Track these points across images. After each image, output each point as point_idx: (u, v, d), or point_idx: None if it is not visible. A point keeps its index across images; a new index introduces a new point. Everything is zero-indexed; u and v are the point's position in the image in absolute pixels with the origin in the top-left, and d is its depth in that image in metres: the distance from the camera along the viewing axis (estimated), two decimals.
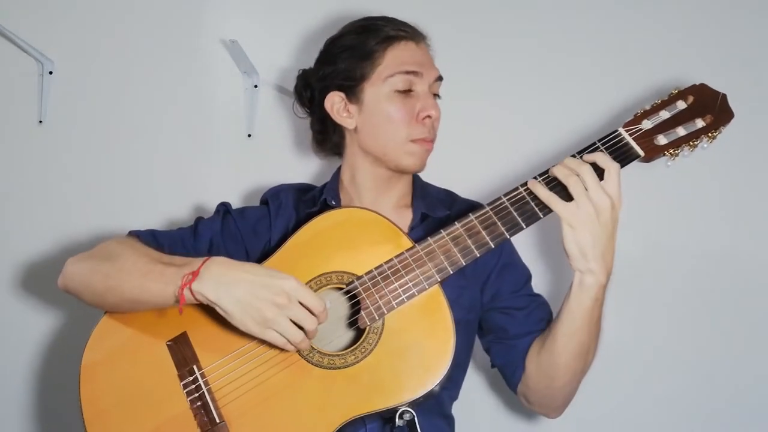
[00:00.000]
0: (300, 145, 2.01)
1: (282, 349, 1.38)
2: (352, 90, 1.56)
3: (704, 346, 1.93)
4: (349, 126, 1.59)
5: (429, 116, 1.55)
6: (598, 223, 1.34)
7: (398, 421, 1.37)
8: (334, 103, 1.58)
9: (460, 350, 1.41)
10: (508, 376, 1.58)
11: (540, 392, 1.53)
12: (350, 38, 1.58)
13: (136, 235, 1.58)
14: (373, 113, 1.55)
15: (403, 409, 1.37)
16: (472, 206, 1.63)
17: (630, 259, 1.90)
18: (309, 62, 1.66)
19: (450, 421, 1.64)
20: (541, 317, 1.58)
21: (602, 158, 1.37)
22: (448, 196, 1.70)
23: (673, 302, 1.94)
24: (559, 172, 1.37)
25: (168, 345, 1.43)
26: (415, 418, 1.37)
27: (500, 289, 1.59)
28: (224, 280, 1.34)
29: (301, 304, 1.33)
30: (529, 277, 1.65)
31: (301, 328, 1.33)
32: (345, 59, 1.56)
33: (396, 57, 1.54)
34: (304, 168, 2.03)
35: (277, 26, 2.07)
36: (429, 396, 1.39)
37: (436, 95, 1.59)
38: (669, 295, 1.94)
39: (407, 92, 1.54)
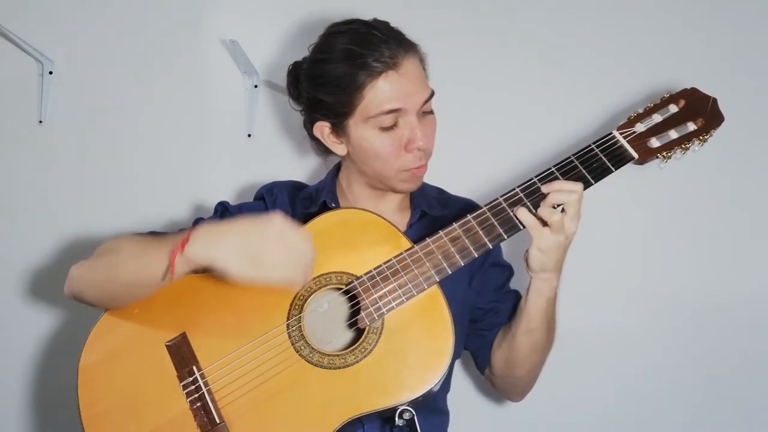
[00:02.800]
0: (300, 145, 2.01)
1: (282, 350, 1.39)
2: (337, 124, 1.53)
3: (704, 344, 1.94)
4: (340, 153, 1.57)
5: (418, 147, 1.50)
6: (563, 247, 1.42)
7: (398, 421, 1.38)
8: (323, 132, 1.56)
9: (455, 345, 1.43)
10: (478, 362, 1.68)
11: (502, 379, 1.64)
12: (331, 67, 1.48)
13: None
14: (361, 147, 1.52)
15: (403, 408, 1.38)
16: (466, 204, 1.66)
17: (626, 258, 1.92)
18: None
19: (445, 417, 1.66)
20: (512, 311, 1.63)
21: (564, 188, 1.40)
22: (441, 194, 1.70)
23: (668, 301, 1.95)
24: (551, 199, 1.40)
25: (167, 346, 1.42)
26: (415, 417, 1.38)
27: (485, 287, 1.64)
28: (212, 238, 1.33)
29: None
30: (511, 274, 1.70)
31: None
32: (326, 93, 1.50)
33: (376, 95, 1.45)
34: (304, 168, 2.02)
35: (277, 26, 2.05)
36: (428, 395, 1.40)
37: (428, 111, 1.53)
38: (664, 294, 1.96)
39: (393, 126, 1.49)
